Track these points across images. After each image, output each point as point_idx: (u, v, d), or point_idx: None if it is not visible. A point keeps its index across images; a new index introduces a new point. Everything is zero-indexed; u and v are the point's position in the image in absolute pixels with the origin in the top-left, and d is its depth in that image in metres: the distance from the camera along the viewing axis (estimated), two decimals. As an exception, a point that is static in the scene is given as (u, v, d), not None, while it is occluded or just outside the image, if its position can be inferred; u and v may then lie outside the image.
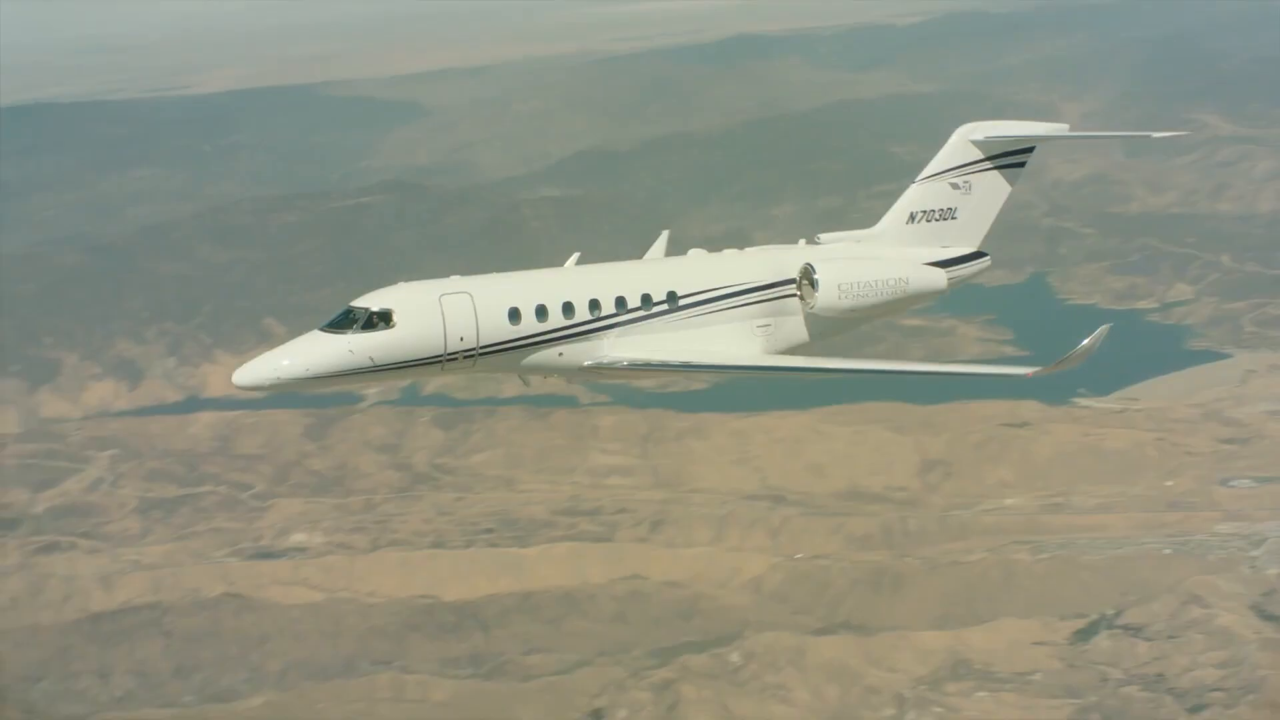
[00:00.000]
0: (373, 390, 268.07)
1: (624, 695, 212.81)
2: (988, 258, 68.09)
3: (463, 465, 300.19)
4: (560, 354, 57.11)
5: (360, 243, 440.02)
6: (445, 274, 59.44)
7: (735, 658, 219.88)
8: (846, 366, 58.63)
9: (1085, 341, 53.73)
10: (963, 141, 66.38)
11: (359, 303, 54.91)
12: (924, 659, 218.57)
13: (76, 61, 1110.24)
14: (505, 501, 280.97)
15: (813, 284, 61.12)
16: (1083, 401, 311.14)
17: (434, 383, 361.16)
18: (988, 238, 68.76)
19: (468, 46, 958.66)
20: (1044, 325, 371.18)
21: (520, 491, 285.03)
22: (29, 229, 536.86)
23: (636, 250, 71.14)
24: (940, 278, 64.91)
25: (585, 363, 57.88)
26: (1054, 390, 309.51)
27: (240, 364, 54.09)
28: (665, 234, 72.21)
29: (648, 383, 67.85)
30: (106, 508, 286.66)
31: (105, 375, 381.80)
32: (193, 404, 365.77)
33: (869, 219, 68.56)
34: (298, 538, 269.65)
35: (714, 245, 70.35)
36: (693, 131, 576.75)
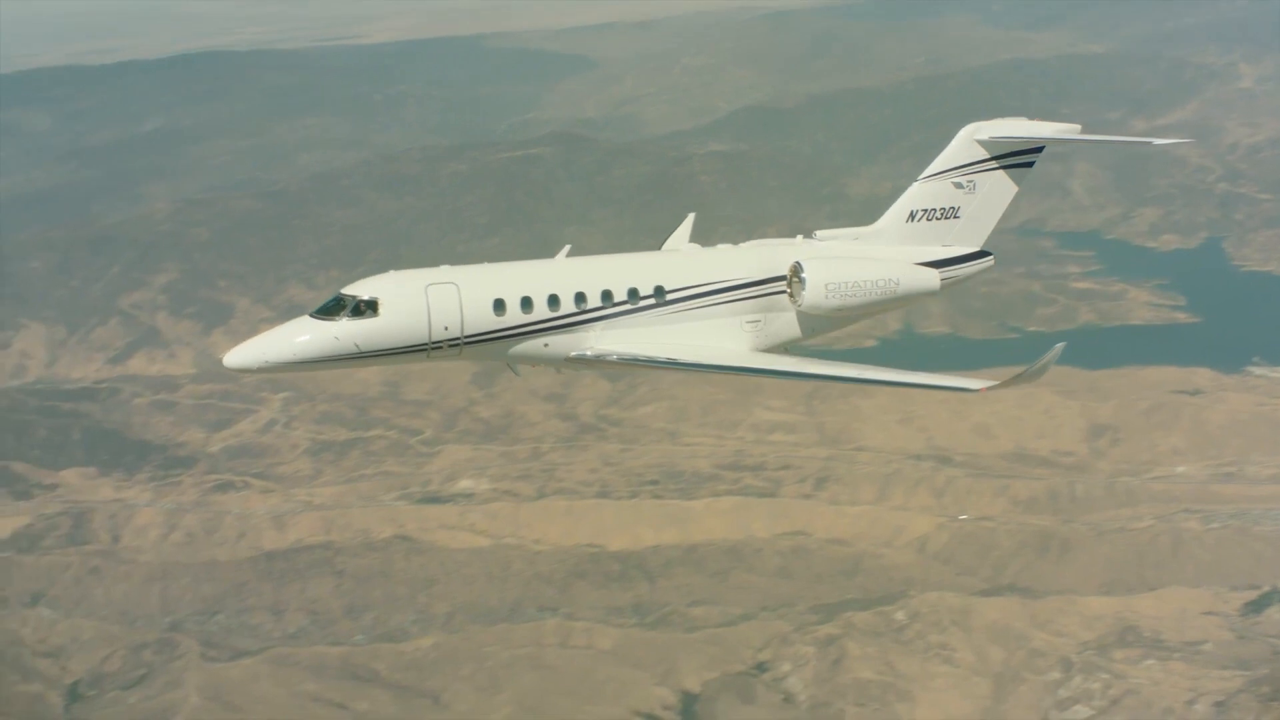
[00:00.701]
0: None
1: (788, 649, 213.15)
2: (991, 257, 66.49)
3: (628, 417, 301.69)
4: (546, 345, 57.74)
5: (527, 193, 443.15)
6: (611, 226, 60.30)
7: (900, 616, 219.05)
8: (801, 370, 59.32)
9: (1042, 358, 52.36)
10: (968, 141, 64.66)
11: (348, 290, 55.60)
12: (1091, 624, 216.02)
13: (250, 10, 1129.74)
14: (670, 454, 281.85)
15: (800, 282, 60.66)
16: (1257, 370, 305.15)
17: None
18: (993, 236, 67.15)
19: (635, 0, 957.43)
20: (1217, 292, 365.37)
21: (685, 445, 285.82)
22: (204, 174, 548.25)
23: (801, 207, 71.07)
24: (933, 278, 63.64)
25: (571, 354, 58.49)
26: (1228, 358, 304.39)
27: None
28: (691, 217, 72.11)
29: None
30: (279, 449, 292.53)
31: (277, 319, 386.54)
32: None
33: (1037, 181, 67.14)
34: (465, 484, 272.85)
35: (878, 204, 69.81)
36: (860, 87, 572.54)
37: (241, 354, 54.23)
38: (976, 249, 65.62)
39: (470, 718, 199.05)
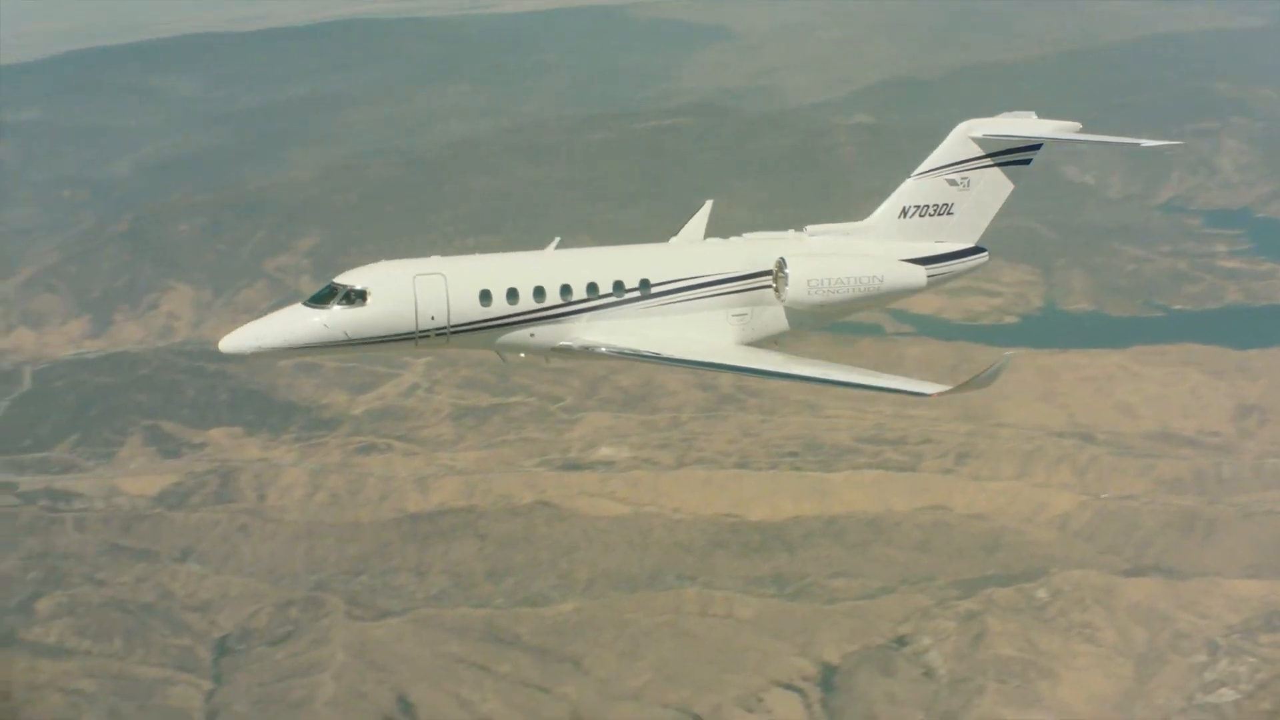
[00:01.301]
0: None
1: (928, 624, 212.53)
2: (985, 253, 65.83)
3: (767, 388, 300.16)
4: (532, 335, 58.48)
5: (667, 163, 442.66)
6: (751, 198, 60.26)
7: (1042, 594, 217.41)
8: (767, 368, 59.35)
9: (991, 367, 51.13)
10: (962, 138, 64.03)
11: (340, 279, 56.70)
12: (1237, 607, 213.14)
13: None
14: (809, 426, 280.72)
15: (784, 278, 61.01)
16: None
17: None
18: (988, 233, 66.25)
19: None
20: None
21: (824, 417, 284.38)
22: (347, 141, 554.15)
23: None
24: (919, 275, 63.35)
25: (557, 344, 59.06)
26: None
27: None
28: (708, 205, 71.25)
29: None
30: (422, 413, 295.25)
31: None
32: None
33: (1183, 159, 65.09)
34: (605, 451, 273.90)
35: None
36: (1005, 61, 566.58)
37: (235, 339, 55.61)
38: (970, 245, 65.36)
39: (611, 683, 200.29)
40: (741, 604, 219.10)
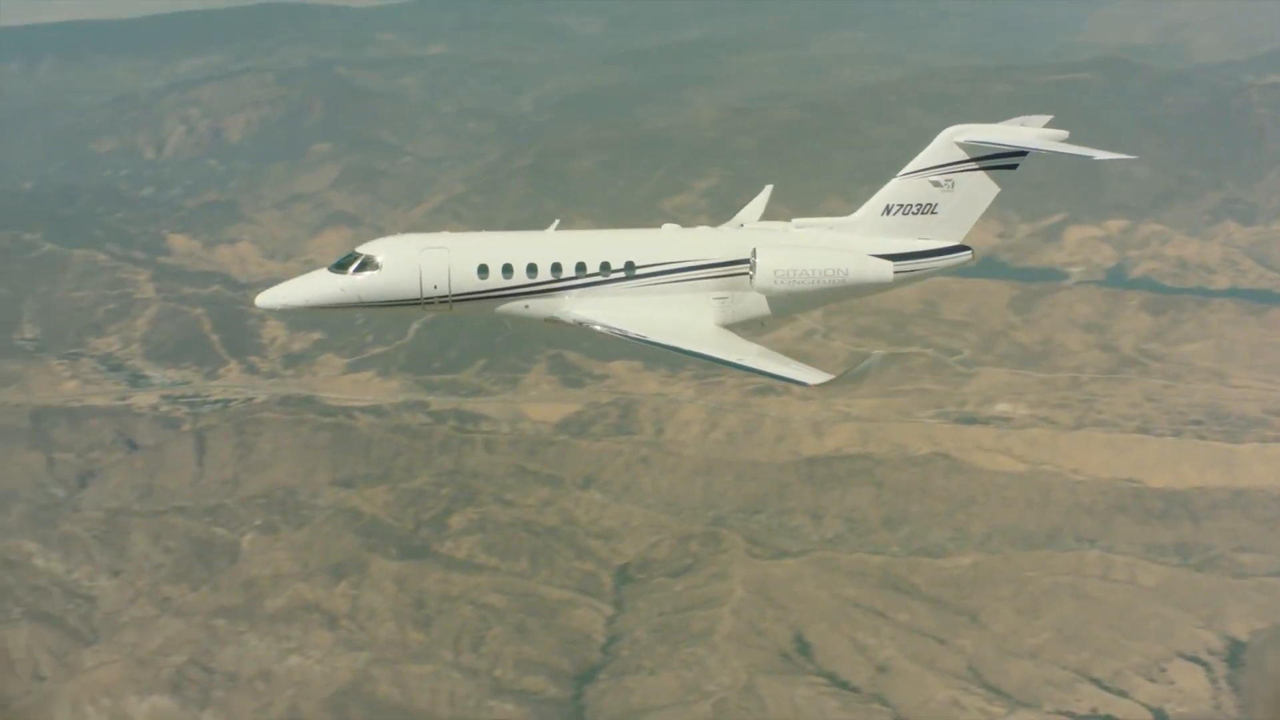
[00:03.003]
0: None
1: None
2: (969, 252, 66.15)
3: (1172, 353, 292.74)
4: (526, 307, 62.08)
5: (1071, 118, 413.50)
6: (1161, 155, 57.96)
7: None
8: (674, 345, 60.50)
9: (860, 365, 54.87)
10: (948, 142, 64.51)
11: (359, 249, 61.06)
12: None
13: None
14: (1216, 395, 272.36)
15: (754, 267, 62.56)
16: None
17: (1141, 266, 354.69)
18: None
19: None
20: None
21: (1232, 386, 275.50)
22: (745, 83, 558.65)
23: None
24: (885, 270, 64.00)
25: (549, 316, 62.42)
26: None
27: None
28: (768, 189, 74.03)
29: None
30: (818, 358, 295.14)
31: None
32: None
33: None
34: (1002, 407, 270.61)
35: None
36: None
37: (268, 296, 60.81)
38: (954, 244, 65.95)
39: (1008, 640, 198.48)
40: (1144, 570, 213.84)
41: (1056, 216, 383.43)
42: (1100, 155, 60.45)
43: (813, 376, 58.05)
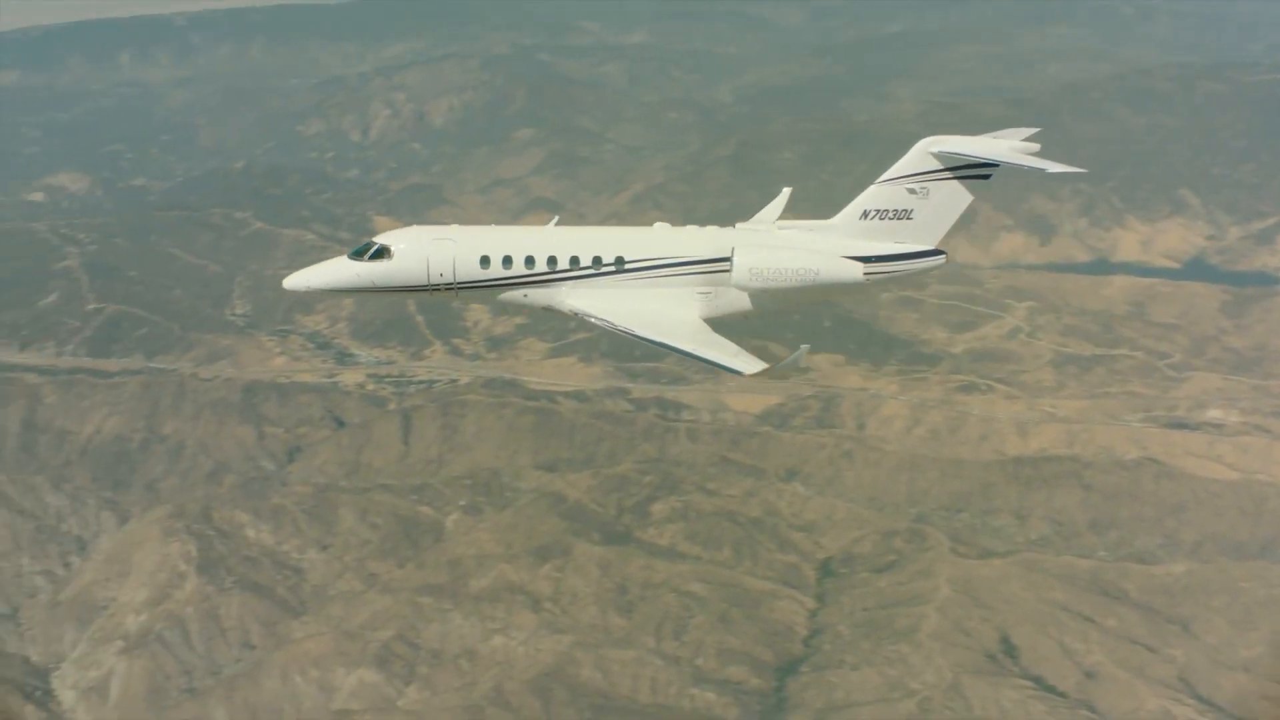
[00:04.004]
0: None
1: None
2: (943, 256, 69.22)
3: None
4: (525, 295, 67.75)
5: None
6: None
7: None
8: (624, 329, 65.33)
9: (789, 358, 60.22)
10: (923, 152, 67.96)
11: (375, 239, 67.14)
12: None
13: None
14: None
15: (731, 265, 67.41)
16: None
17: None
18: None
19: None
20: None
21: None
22: (949, 77, 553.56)
23: None
24: (855, 271, 67.78)
25: (547, 305, 67.98)
26: None
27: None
28: (787, 191, 79.16)
29: None
30: (1023, 357, 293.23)
31: (1016, 228, 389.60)
32: (1101, 265, 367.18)
33: None
34: (1213, 413, 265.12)
35: None
36: None
37: (293, 279, 66.81)
38: (929, 248, 68.89)
39: (1221, 651, 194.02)
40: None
41: (1270, 220, 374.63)
42: (1054, 169, 63.56)
43: (748, 366, 61.66)
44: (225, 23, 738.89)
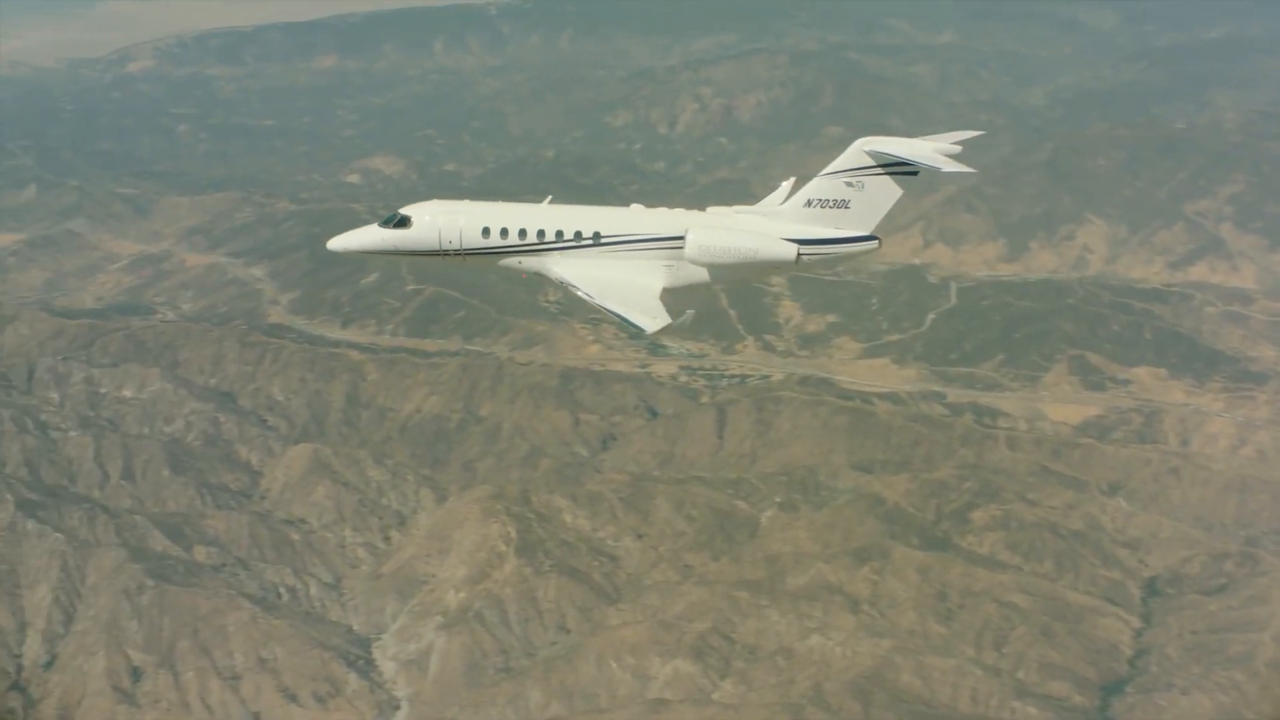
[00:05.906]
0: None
1: None
2: (876, 241, 76.65)
3: None
4: (520, 262, 76.83)
5: None
6: None
7: None
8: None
9: (678, 320, 69.95)
10: (858, 151, 74.26)
11: (400, 210, 77.28)
12: None
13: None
14: None
15: (684, 242, 75.74)
16: None
17: None
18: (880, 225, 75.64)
19: None
20: None
21: None
22: (1275, 87, 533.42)
23: None
24: (789, 250, 75.28)
25: (538, 272, 76.68)
26: None
27: None
28: (788, 182, 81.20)
29: None
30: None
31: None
32: None
33: None
34: None
35: None
36: None
37: (336, 241, 78.00)
38: (864, 234, 76.24)
39: None
40: None
41: None
42: (948, 168, 70.63)
43: (650, 325, 70.30)
44: (536, 13, 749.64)
